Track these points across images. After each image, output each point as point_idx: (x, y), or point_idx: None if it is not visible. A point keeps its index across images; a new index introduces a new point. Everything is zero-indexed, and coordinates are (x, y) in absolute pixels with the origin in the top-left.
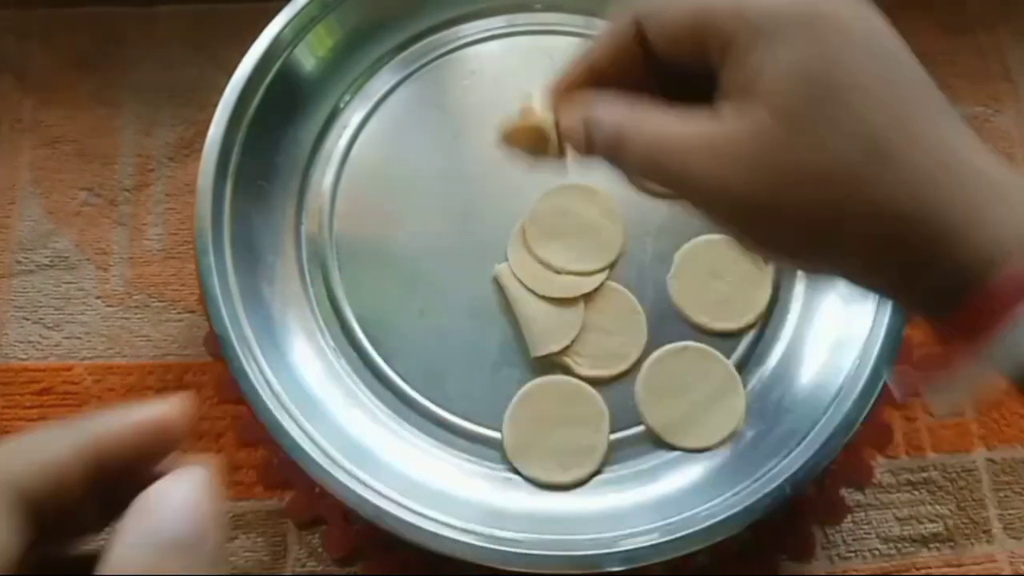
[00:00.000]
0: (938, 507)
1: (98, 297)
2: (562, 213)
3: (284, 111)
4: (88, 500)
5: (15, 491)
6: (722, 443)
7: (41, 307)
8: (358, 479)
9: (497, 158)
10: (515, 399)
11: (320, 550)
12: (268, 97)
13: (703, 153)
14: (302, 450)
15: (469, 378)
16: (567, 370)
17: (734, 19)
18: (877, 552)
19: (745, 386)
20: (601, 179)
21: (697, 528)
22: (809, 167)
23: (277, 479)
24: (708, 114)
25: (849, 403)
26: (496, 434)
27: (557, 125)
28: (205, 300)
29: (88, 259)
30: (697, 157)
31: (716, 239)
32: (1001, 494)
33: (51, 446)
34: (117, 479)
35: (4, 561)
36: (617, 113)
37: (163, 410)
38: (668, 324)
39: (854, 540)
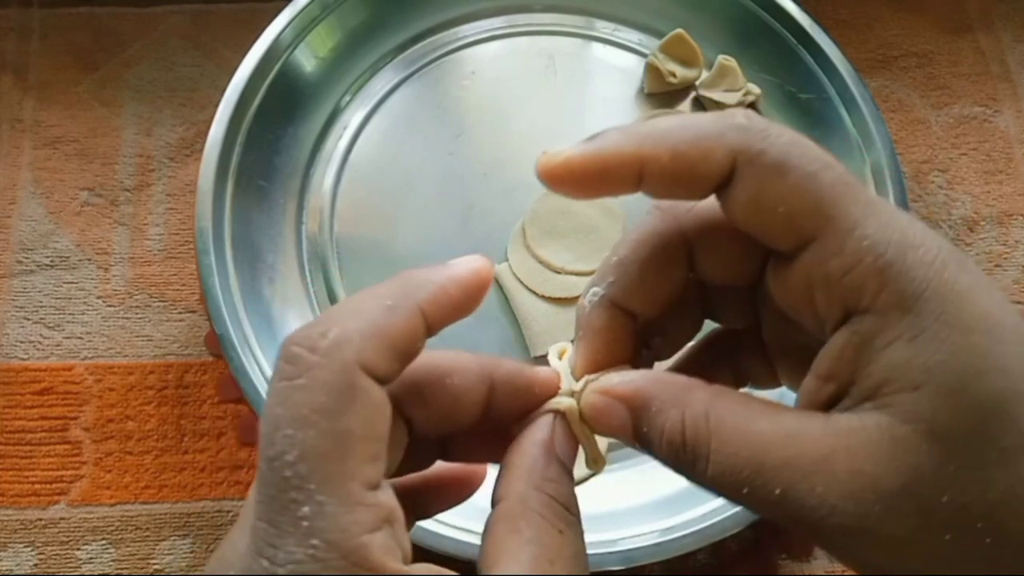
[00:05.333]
0: None
1: (99, 297)
2: (562, 213)
3: (285, 111)
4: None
5: (367, 367)
6: None
7: (42, 307)
8: None
9: (497, 158)
10: None
11: None
12: (269, 97)
13: (824, 476)
14: None
15: None
16: None
17: (874, 280)
18: None
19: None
20: None
21: (697, 528)
22: (977, 508)
23: None
24: (809, 413)
25: None
26: None
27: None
28: (206, 300)
29: (89, 259)
30: (821, 479)
31: None
32: None
33: (389, 317)
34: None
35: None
36: (693, 400)
37: (474, 263)
38: None
39: None
